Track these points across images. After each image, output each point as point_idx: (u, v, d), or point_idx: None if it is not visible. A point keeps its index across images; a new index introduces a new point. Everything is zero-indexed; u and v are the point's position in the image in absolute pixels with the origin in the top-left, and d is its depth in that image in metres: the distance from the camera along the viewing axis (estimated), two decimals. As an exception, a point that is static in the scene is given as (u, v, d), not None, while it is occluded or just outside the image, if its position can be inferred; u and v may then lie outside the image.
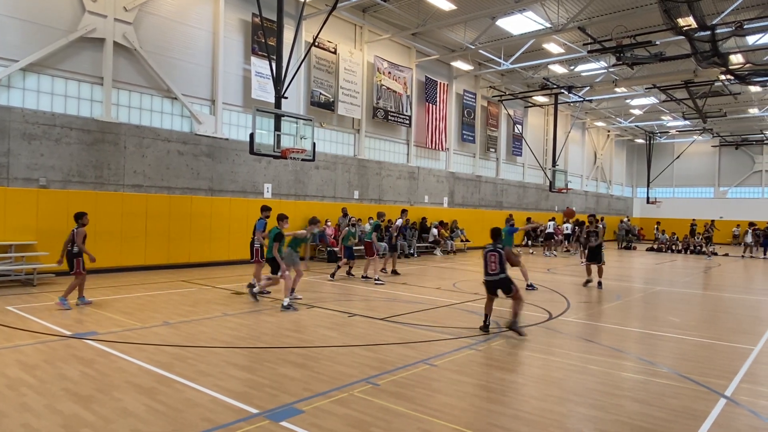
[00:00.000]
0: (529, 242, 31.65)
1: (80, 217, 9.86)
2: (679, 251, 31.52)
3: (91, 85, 14.26)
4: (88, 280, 12.79)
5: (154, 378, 5.66)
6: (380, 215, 15.30)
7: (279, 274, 10.13)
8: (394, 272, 15.67)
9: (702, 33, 17.10)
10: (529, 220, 26.83)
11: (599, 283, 13.89)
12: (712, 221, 30.70)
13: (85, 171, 13.90)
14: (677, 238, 32.73)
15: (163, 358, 6.42)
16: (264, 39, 15.26)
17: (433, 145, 25.26)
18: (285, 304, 9.73)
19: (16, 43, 12.78)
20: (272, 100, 15.07)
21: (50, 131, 13.30)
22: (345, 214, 19.88)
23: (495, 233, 8.62)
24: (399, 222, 17.04)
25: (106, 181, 14.30)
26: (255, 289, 10.66)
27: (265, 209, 11.75)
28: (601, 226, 14.62)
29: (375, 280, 13.55)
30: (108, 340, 7.19)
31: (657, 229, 34.89)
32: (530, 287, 12.97)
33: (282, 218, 10.37)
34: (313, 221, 11.36)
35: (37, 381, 5.47)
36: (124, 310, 9.30)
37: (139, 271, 14.56)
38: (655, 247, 32.77)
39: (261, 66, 17.49)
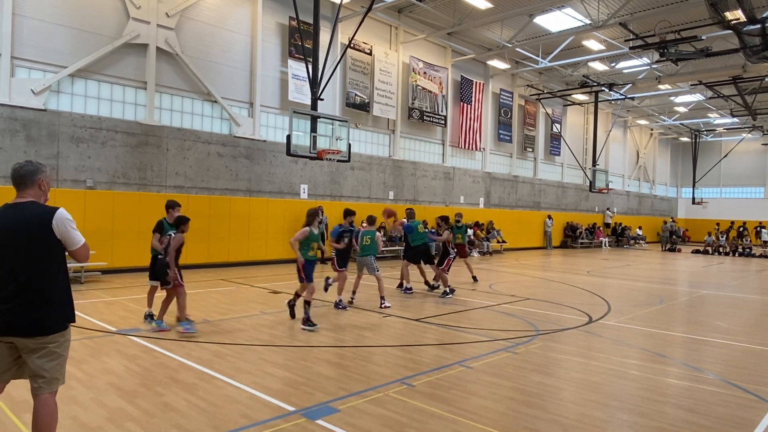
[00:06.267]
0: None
1: (183, 223, 7.96)
2: (726, 253, 30.38)
3: (135, 90, 14.74)
4: (132, 278, 13.27)
5: (195, 374, 5.80)
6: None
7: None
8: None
9: (751, 27, 16.39)
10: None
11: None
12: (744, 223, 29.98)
13: (129, 172, 14.36)
14: (725, 239, 31.53)
15: (204, 355, 6.57)
16: (301, 42, 15.45)
17: (467, 145, 25.06)
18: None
19: (65, 50, 13.32)
20: (309, 101, 15.25)
21: (97, 134, 13.80)
22: (320, 213, 17.73)
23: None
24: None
25: (149, 182, 14.74)
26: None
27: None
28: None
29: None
30: (151, 337, 7.40)
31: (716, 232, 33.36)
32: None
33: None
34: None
35: (85, 375, 5.68)
36: (166, 308, 9.55)
37: (180, 270, 14.92)
38: (702, 249, 31.66)
39: (298, 68, 17.72)
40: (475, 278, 14.36)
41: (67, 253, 3.54)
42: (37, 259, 3.35)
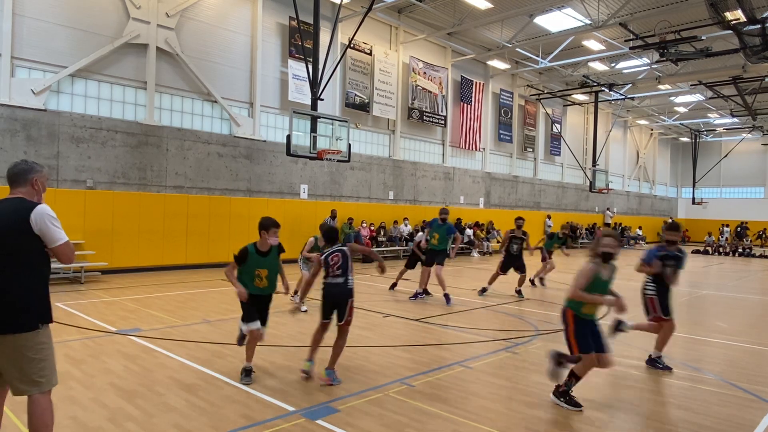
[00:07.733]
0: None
1: (335, 231, 6.45)
2: (726, 253, 30.39)
3: (135, 90, 14.74)
4: (132, 278, 13.28)
5: (195, 374, 5.80)
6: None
7: None
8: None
9: (751, 27, 16.39)
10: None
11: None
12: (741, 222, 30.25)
13: (129, 173, 14.36)
14: (726, 239, 31.57)
15: (203, 354, 6.57)
16: (301, 42, 15.45)
17: (467, 145, 25.05)
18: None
19: (65, 50, 13.32)
20: (309, 102, 15.25)
21: (97, 134, 13.80)
22: (334, 216, 18.28)
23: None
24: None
25: (149, 182, 14.74)
26: None
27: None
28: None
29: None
30: (151, 337, 7.40)
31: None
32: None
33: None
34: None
35: (84, 375, 5.68)
36: (165, 308, 9.56)
37: (180, 270, 14.96)
38: (702, 249, 31.66)
39: (298, 68, 17.71)
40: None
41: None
42: (9, 253, 3.25)
